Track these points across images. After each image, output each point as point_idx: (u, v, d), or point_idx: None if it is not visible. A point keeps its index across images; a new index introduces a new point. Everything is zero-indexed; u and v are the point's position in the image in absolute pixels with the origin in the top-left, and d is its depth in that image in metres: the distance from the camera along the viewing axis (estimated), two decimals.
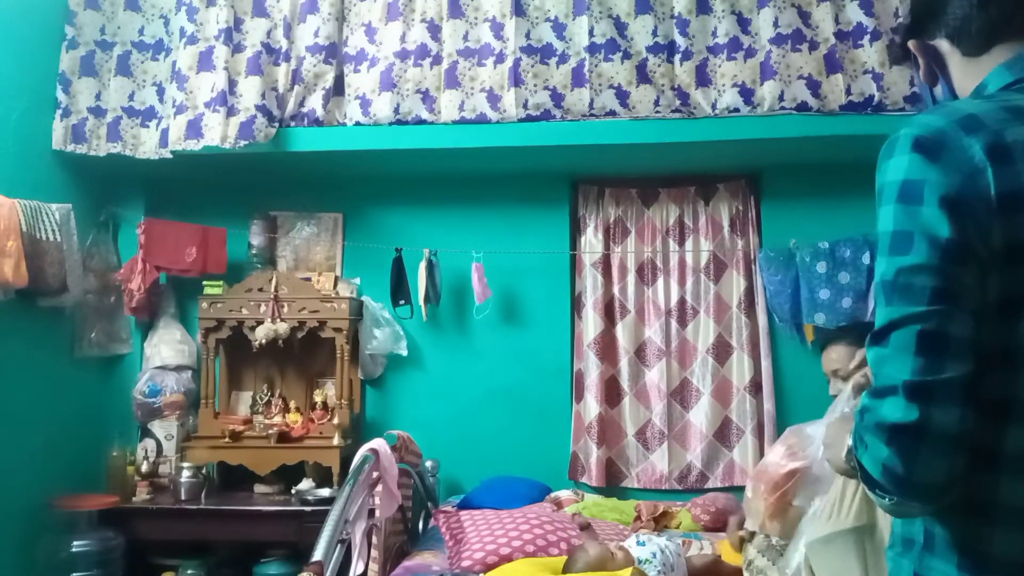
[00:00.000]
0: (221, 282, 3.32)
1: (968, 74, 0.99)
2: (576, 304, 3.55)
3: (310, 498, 3.03)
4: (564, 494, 3.14)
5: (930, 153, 0.86)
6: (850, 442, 0.98)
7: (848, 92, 2.99)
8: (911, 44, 1.06)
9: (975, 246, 0.82)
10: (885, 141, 0.92)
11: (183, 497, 3.09)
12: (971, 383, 0.82)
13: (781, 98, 3.01)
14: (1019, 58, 0.94)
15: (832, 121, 3.01)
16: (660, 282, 3.51)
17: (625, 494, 3.37)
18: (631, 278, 3.50)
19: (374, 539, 2.46)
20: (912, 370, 0.82)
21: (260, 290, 3.26)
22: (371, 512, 2.45)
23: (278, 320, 3.21)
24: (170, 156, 3.15)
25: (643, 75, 3.09)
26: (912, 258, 0.84)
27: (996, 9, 0.95)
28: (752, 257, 3.46)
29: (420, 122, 3.16)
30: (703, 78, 3.10)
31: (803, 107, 3.00)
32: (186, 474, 3.10)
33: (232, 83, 3.14)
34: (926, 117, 0.90)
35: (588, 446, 3.39)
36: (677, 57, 3.10)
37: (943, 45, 1.02)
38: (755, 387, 3.39)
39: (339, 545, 2.12)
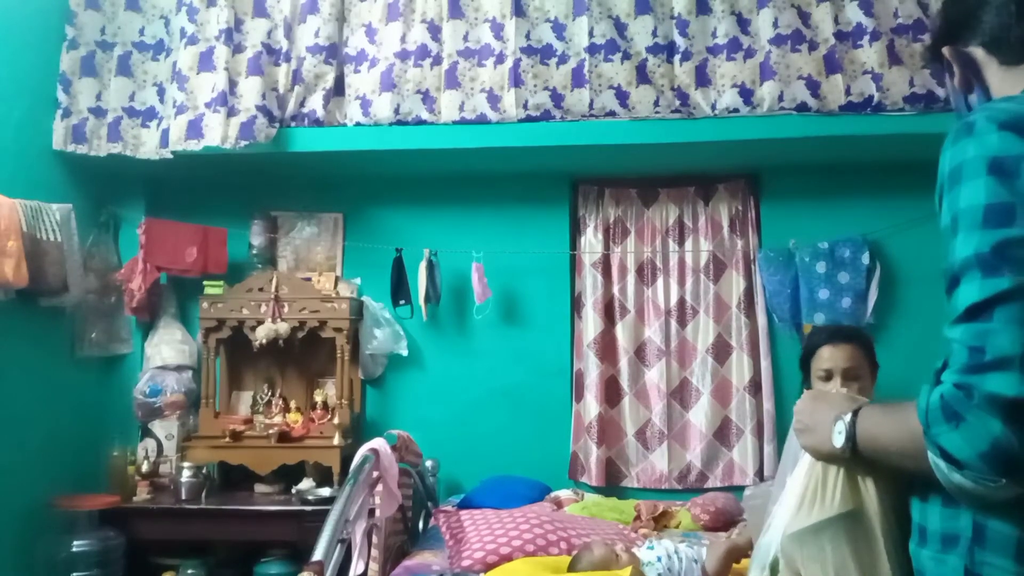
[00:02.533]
0: (221, 282, 3.32)
1: (1007, 82, 0.99)
2: (576, 304, 3.55)
3: (310, 498, 3.03)
4: (564, 494, 3.14)
5: (1020, 129, 0.84)
6: (843, 424, 0.98)
7: (848, 92, 3.00)
8: (946, 51, 1.05)
9: None
10: (953, 128, 0.91)
11: (183, 497, 3.09)
12: None
13: (781, 98, 3.01)
14: None
15: (832, 121, 3.02)
16: (660, 282, 3.51)
17: (625, 494, 3.37)
18: (631, 278, 3.51)
19: (374, 539, 2.46)
20: None
21: (260, 290, 3.27)
22: (371, 512, 2.45)
23: (278, 320, 3.22)
24: (170, 156, 3.15)
25: (643, 75, 3.09)
26: (1016, 230, 0.81)
27: None
28: (752, 257, 3.46)
29: (420, 122, 3.17)
30: (703, 78, 3.10)
31: (803, 107, 3.00)
32: (186, 474, 3.11)
33: (232, 83, 3.14)
34: (1001, 104, 0.90)
35: (588, 446, 3.39)
36: (677, 57, 3.11)
37: (978, 53, 1.02)
38: (755, 387, 3.40)
39: (339, 545, 2.12)
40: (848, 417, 1.01)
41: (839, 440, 1.01)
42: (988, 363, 0.80)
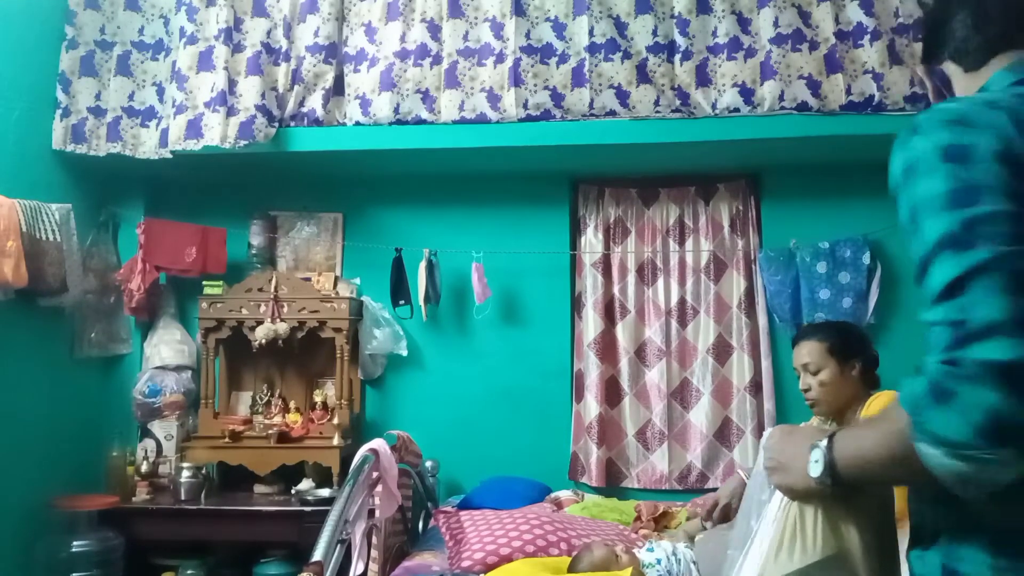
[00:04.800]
0: (221, 282, 3.32)
1: (969, 87, 1.04)
2: (576, 304, 3.55)
3: (310, 498, 3.03)
4: (564, 494, 3.14)
5: (965, 123, 0.87)
6: (819, 452, 0.94)
7: (848, 92, 2.99)
8: (919, 69, 1.13)
9: None
10: (900, 134, 0.93)
11: (183, 497, 3.08)
12: None
13: (781, 98, 3.00)
14: (1019, 62, 0.99)
15: (832, 121, 3.01)
16: (660, 282, 3.51)
17: (625, 494, 3.37)
18: (631, 278, 3.50)
19: (374, 539, 2.46)
20: (1012, 308, 0.77)
21: (260, 290, 3.26)
22: (371, 512, 2.45)
23: (278, 320, 3.21)
24: (170, 156, 3.15)
25: (643, 75, 3.09)
26: (982, 207, 0.82)
27: (992, 29, 1.01)
28: (752, 257, 3.46)
29: (420, 122, 3.16)
30: (703, 78, 3.10)
31: (803, 107, 3.00)
32: (186, 474, 3.10)
33: (232, 83, 3.14)
34: (942, 105, 0.92)
35: (588, 446, 3.39)
36: (677, 57, 3.10)
37: (949, 66, 1.07)
38: (755, 387, 3.39)
39: (339, 545, 2.12)
40: (824, 443, 0.97)
41: (817, 469, 0.97)
42: (974, 332, 0.79)
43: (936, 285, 0.83)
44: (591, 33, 3.10)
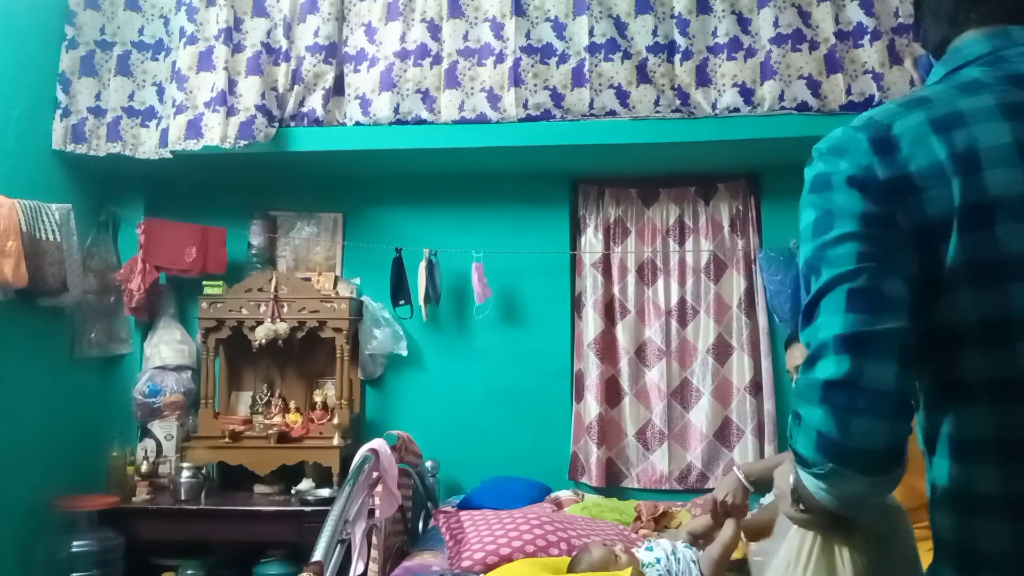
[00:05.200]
0: (221, 282, 3.32)
1: (936, 74, 1.03)
2: (576, 304, 3.55)
3: (310, 498, 3.03)
4: (564, 494, 3.14)
5: (836, 151, 0.91)
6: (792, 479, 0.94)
7: (848, 92, 2.99)
8: (907, 63, 1.14)
9: (895, 217, 0.84)
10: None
11: (183, 497, 3.08)
12: (906, 340, 0.80)
13: (781, 98, 3.00)
14: (955, 50, 0.97)
15: (832, 121, 3.01)
16: (660, 282, 3.50)
17: (625, 494, 3.37)
18: (631, 278, 3.50)
19: (374, 539, 2.46)
20: (843, 325, 0.81)
21: (260, 290, 3.26)
22: (371, 512, 2.45)
23: (278, 320, 3.21)
24: (170, 156, 3.15)
25: (643, 75, 3.09)
26: (835, 231, 0.85)
27: (944, 9, 0.99)
28: (752, 257, 3.45)
29: (420, 122, 3.16)
30: (703, 78, 3.10)
31: (803, 107, 3.00)
32: (186, 474, 3.10)
33: (232, 83, 3.14)
34: (835, 131, 0.96)
35: (588, 446, 3.39)
36: (677, 57, 3.10)
37: (928, 58, 1.07)
38: (755, 387, 3.39)
39: (339, 545, 2.12)
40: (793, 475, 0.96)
41: (792, 500, 0.96)
42: (813, 354, 0.83)
43: (802, 311, 0.88)
44: (591, 33, 3.10)
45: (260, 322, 3.21)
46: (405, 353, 3.46)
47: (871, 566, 0.97)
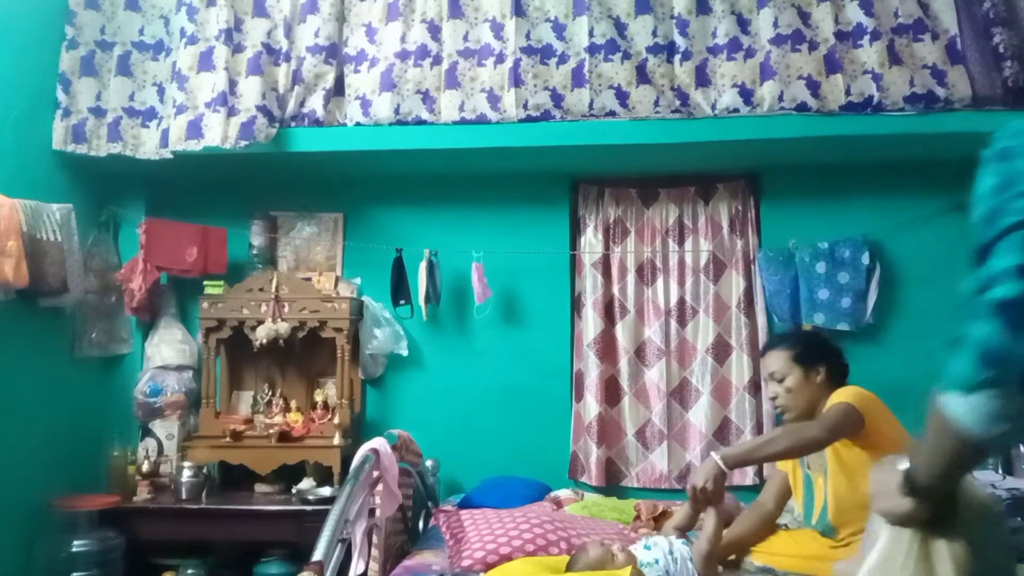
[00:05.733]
0: (222, 282, 3.32)
1: None
2: (576, 304, 3.55)
3: (311, 498, 3.04)
4: (564, 494, 3.14)
5: (1019, 134, 1.02)
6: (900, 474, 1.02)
7: (848, 92, 2.99)
8: None
9: None
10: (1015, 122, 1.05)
11: (184, 497, 3.09)
12: None
13: (781, 98, 3.01)
14: None
15: (832, 121, 3.02)
16: (660, 282, 3.51)
17: (625, 494, 3.37)
18: (631, 278, 3.51)
19: (374, 539, 2.46)
20: (1019, 259, 0.91)
21: (261, 290, 3.27)
22: (371, 512, 2.45)
23: (279, 320, 3.22)
24: (170, 156, 3.15)
25: (643, 75, 3.09)
26: (1015, 189, 0.97)
27: None
28: (751, 257, 3.46)
29: (420, 122, 3.17)
30: (703, 78, 3.10)
31: (803, 107, 3.00)
32: (187, 474, 3.11)
33: (232, 83, 3.14)
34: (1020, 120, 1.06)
35: (588, 446, 3.40)
36: (677, 57, 3.11)
37: None
38: (754, 387, 3.40)
39: (339, 545, 2.12)
40: (907, 463, 1.05)
41: (902, 488, 1.03)
42: (986, 284, 0.93)
43: (975, 253, 0.97)
44: (591, 34, 3.10)
45: (261, 322, 3.22)
46: (405, 353, 3.47)
47: (967, 566, 1.00)
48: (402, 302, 3.44)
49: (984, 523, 1.05)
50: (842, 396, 2.08)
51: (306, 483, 3.18)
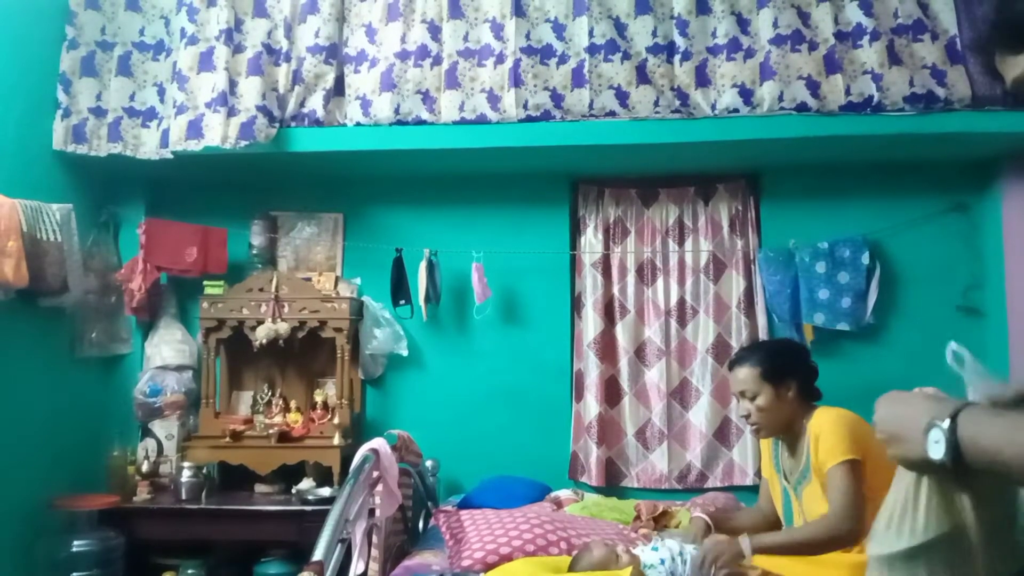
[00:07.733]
0: (222, 282, 3.32)
1: None
2: (576, 304, 3.55)
3: (310, 498, 3.03)
4: (564, 494, 3.14)
5: None
6: (940, 433, 0.86)
7: (848, 92, 2.99)
8: None
9: None
10: None
11: (183, 497, 3.09)
12: None
13: (781, 98, 3.01)
14: None
15: (831, 121, 3.02)
16: (660, 282, 3.51)
17: (625, 494, 3.37)
18: (631, 278, 3.51)
19: (374, 539, 2.46)
20: None
21: (261, 290, 3.27)
22: (371, 512, 2.45)
23: (279, 320, 3.22)
24: (171, 156, 3.15)
25: (643, 75, 3.09)
26: None
27: None
28: (751, 257, 3.46)
29: (420, 122, 3.17)
30: (703, 78, 3.10)
31: (803, 107, 3.00)
32: (187, 474, 3.11)
33: (232, 83, 3.14)
34: None
35: (588, 446, 3.40)
36: (677, 57, 3.11)
37: None
38: None
39: (339, 545, 2.12)
40: (946, 424, 0.88)
41: (938, 451, 0.88)
42: None
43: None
44: (591, 34, 3.10)
45: (261, 322, 3.22)
46: (405, 353, 3.47)
47: (994, 505, 0.92)
48: (402, 302, 3.44)
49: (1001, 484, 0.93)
50: (830, 441, 2.01)
51: (306, 483, 3.18)
